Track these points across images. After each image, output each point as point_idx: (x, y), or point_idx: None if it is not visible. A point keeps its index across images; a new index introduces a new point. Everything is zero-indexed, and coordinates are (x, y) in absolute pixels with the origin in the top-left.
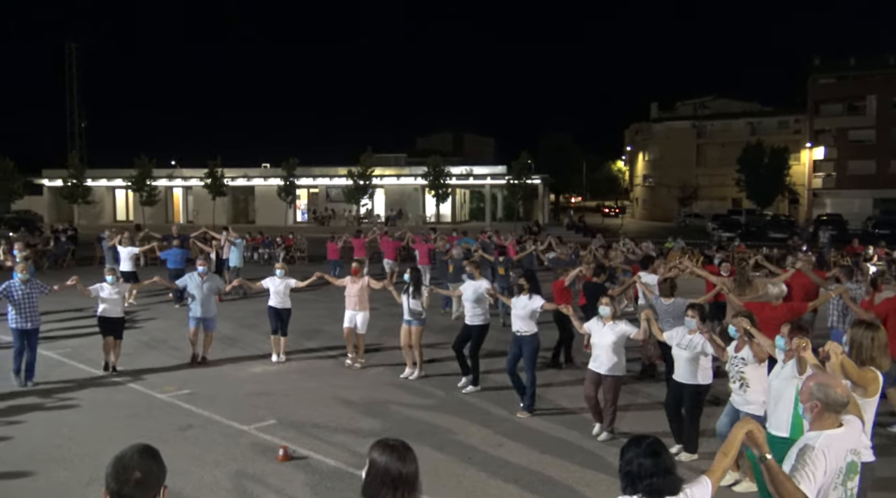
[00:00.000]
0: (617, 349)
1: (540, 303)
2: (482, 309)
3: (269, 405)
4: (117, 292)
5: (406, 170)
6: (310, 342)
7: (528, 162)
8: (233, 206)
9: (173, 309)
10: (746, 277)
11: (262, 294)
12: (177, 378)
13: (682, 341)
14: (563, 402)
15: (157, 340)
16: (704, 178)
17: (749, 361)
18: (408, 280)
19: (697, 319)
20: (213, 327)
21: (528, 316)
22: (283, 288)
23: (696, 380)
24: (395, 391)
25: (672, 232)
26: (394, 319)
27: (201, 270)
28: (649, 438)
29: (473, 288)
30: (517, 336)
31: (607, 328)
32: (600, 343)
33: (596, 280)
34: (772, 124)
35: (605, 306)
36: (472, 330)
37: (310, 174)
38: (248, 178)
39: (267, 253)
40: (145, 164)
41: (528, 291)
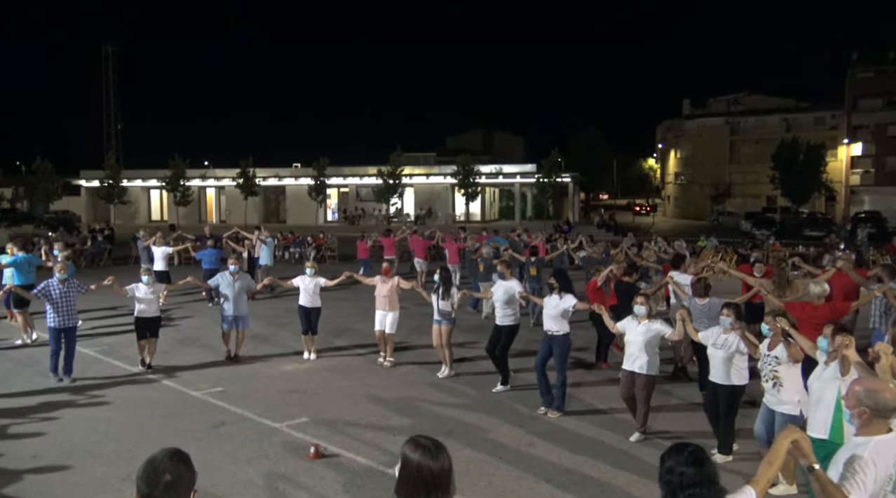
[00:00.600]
0: (651, 348)
1: (571, 302)
2: (513, 309)
3: (300, 403)
4: (152, 292)
5: (435, 169)
6: (340, 340)
7: (559, 160)
8: (264, 206)
9: (206, 308)
10: (786, 277)
11: (292, 292)
12: (210, 376)
13: (718, 341)
14: (595, 401)
15: (190, 338)
16: (738, 175)
17: (783, 360)
18: (437, 280)
19: (733, 317)
20: (247, 325)
21: (559, 315)
22: (313, 287)
23: (732, 380)
24: (426, 389)
25: (705, 231)
26: (424, 319)
27: (233, 270)
28: (691, 446)
29: (504, 288)
30: (548, 335)
31: (642, 327)
32: (634, 342)
33: (627, 279)
34: (807, 120)
35: (640, 305)
36: (503, 330)
37: (340, 174)
38: (279, 177)
39: (298, 252)
40: (179, 165)
41: (559, 291)
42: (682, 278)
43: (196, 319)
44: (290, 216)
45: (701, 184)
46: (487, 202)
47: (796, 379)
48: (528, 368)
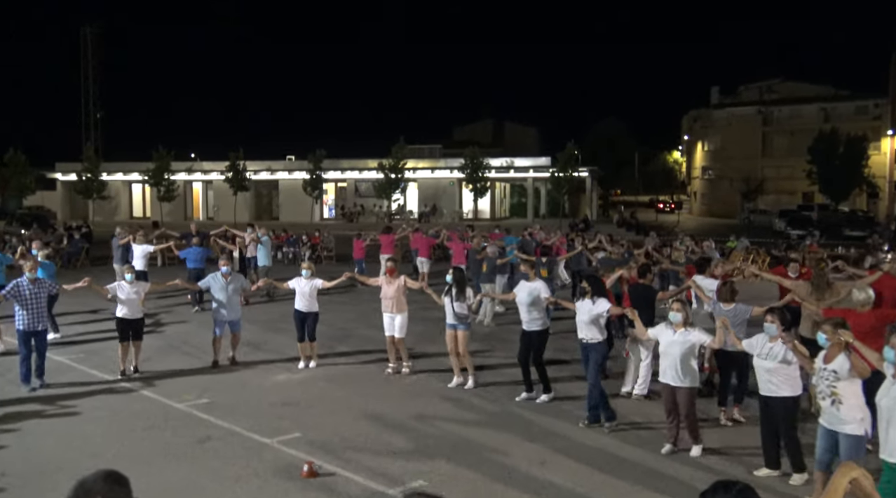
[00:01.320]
0: (689, 359)
1: (605, 307)
2: (539, 313)
3: (293, 416)
4: (136, 292)
5: (441, 162)
6: (339, 347)
7: (575, 153)
8: (255, 202)
9: (191, 312)
10: (825, 279)
11: (288, 296)
12: (195, 386)
13: (764, 350)
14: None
15: (174, 344)
16: (771, 169)
17: (842, 375)
18: (450, 281)
19: (778, 324)
20: (239, 329)
21: (592, 321)
22: (310, 289)
23: (783, 391)
24: (432, 402)
25: (735, 230)
26: (430, 324)
27: (225, 270)
28: (739, 484)
29: (528, 290)
30: (584, 344)
31: (678, 336)
32: (670, 352)
33: (643, 281)
34: (848, 110)
35: (676, 312)
36: (532, 337)
37: (338, 167)
38: (271, 171)
39: (291, 252)
40: (163, 157)
41: (592, 295)
42: (707, 283)
43: (181, 323)
44: (283, 213)
45: (730, 179)
46: (497, 198)
47: (857, 395)
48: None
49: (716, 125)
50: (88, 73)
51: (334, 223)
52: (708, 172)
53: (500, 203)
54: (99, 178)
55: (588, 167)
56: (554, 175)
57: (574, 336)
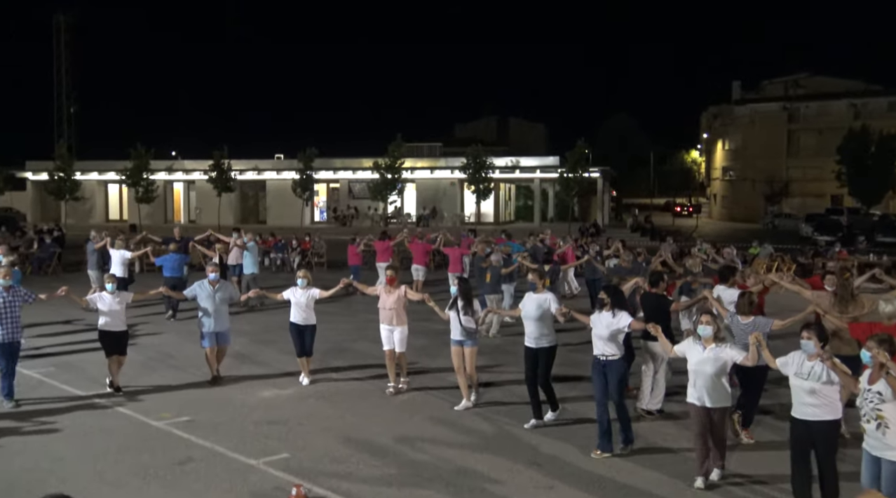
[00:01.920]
0: (721, 377)
1: (626, 321)
2: (548, 328)
3: (281, 436)
4: (118, 302)
5: (442, 161)
6: (332, 362)
7: (585, 152)
8: (241, 204)
9: (169, 322)
10: (850, 290)
11: (276, 306)
12: (175, 402)
13: (803, 370)
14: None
15: (152, 357)
16: (797, 170)
17: (888, 396)
18: (455, 292)
19: (815, 340)
20: (228, 342)
21: (611, 337)
22: (307, 300)
23: (826, 415)
24: (432, 422)
25: (757, 235)
26: (431, 337)
27: (212, 278)
28: None
29: (537, 303)
30: (599, 361)
31: (709, 352)
32: (701, 371)
33: (656, 291)
34: (880, 106)
35: (706, 325)
36: (539, 354)
37: (330, 166)
38: (258, 171)
39: (280, 258)
40: (142, 156)
41: (612, 307)
42: (728, 293)
43: (160, 335)
44: (271, 216)
45: (753, 180)
46: (502, 200)
47: None
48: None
49: (737, 122)
50: (61, 65)
51: (326, 227)
52: (729, 173)
53: (504, 206)
54: (72, 177)
55: (599, 167)
56: (563, 176)
57: (584, 349)
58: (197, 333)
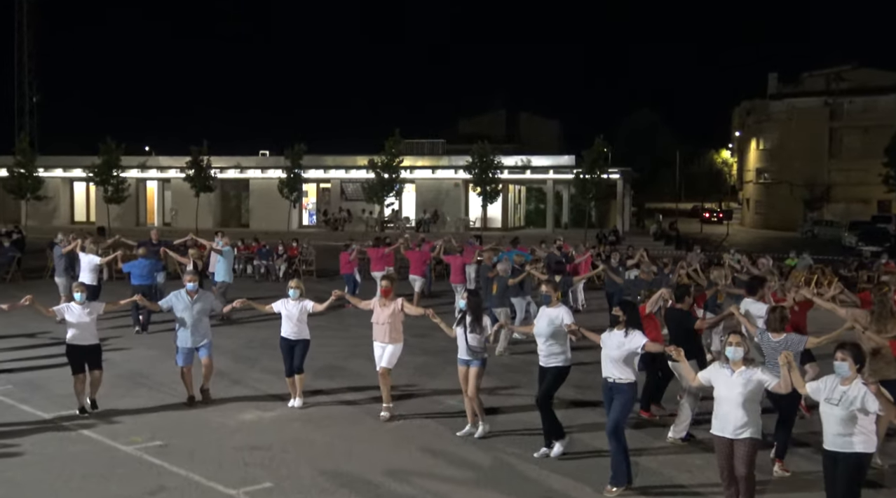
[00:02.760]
0: (751, 404)
1: (640, 342)
2: (560, 346)
3: (263, 463)
4: (88, 313)
5: (444, 160)
6: (322, 382)
7: (604, 151)
8: (221, 205)
9: (143, 336)
10: (889, 307)
11: (261, 318)
12: (146, 425)
13: (834, 395)
14: (649, 470)
15: (123, 375)
16: (840, 173)
17: None
18: (463, 307)
19: (850, 362)
20: (209, 352)
21: (622, 358)
22: (299, 312)
23: (856, 446)
24: (427, 452)
25: (795, 245)
26: (431, 356)
27: (191, 287)
28: None
29: (549, 318)
30: (607, 384)
31: (737, 377)
32: (728, 397)
33: (680, 306)
34: None
35: (735, 346)
36: (547, 374)
37: (320, 165)
38: (241, 169)
39: (264, 265)
40: (112, 151)
41: (626, 325)
42: (756, 307)
43: (129, 351)
44: (254, 218)
45: (791, 184)
46: (511, 204)
47: None
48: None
49: (773, 119)
50: (23, 49)
51: (315, 231)
52: (763, 176)
53: (513, 210)
54: (34, 174)
55: (619, 168)
56: (578, 177)
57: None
58: (171, 348)
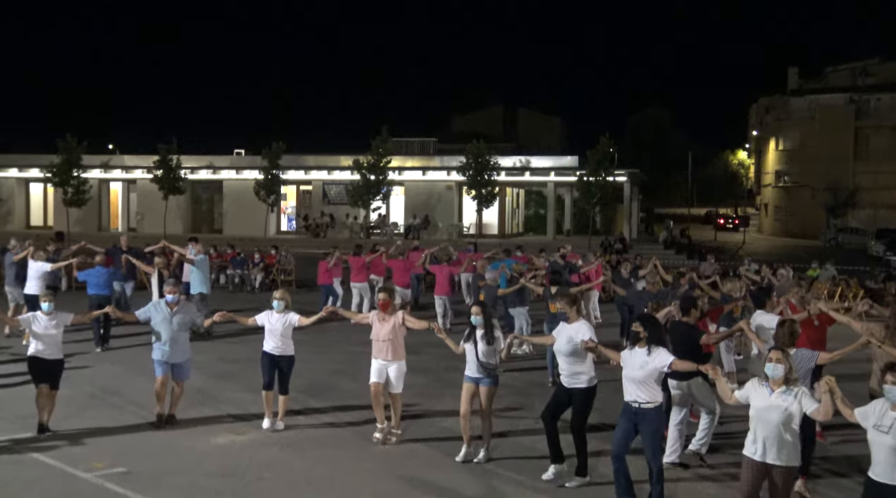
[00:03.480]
0: (790, 427)
1: (667, 360)
2: (584, 365)
3: (236, 491)
4: (55, 325)
5: (436, 160)
6: (301, 402)
7: (610, 151)
8: (192, 209)
9: (105, 352)
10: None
11: (238, 331)
12: (109, 449)
13: (884, 422)
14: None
15: (84, 393)
16: (866, 176)
17: None
18: (475, 321)
19: None
20: (186, 376)
21: (646, 379)
22: (283, 326)
23: None
24: (418, 480)
25: (817, 254)
26: (428, 376)
27: (171, 299)
28: None
29: (568, 335)
30: (630, 408)
31: (776, 397)
32: (765, 419)
33: (686, 319)
34: None
35: (776, 364)
36: (573, 396)
37: (300, 165)
38: (214, 169)
39: (238, 275)
40: (72, 149)
41: (648, 342)
42: (766, 319)
43: (92, 367)
44: (228, 223)
45: (813, 187)
46: (508, 209)
47: None
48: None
49: (794, 117)
50: None
51: (295, 238)
52: (783, 179)
53: (511, 215)
54: None
55: (627, 170)
56: (582, 179)
57: (610, 390)
58: (139, 364)
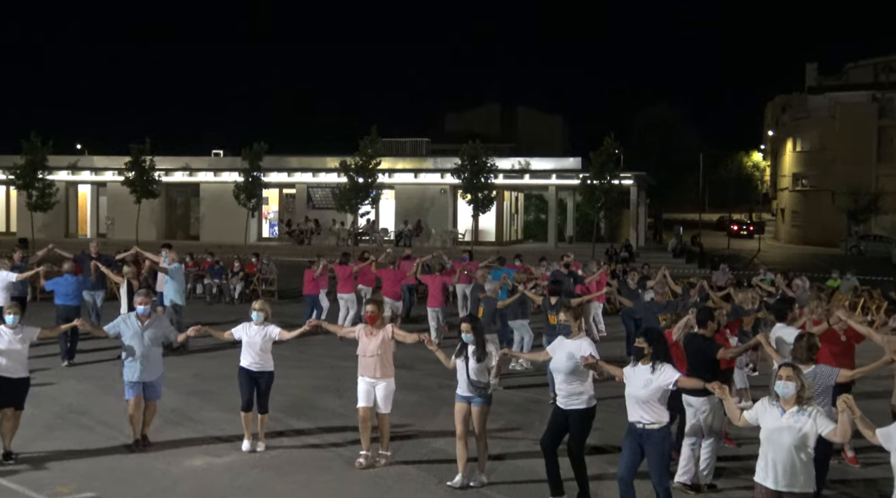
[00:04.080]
0: (804, 452)
1: (672, 377)
2: (582, 384)
3: None
4: (20, 340)
5: (429, 162)
6: (283, 422)
7: (616, 152)
8: (167, 213)
9: (76, 367)
10: None
11: (210, 346)
12: (76, 473)
13: None
14: None
15: (51, 412)
16: (890, 179)
17: None
18: (466, 338)
19: None
20: (157, 396)
21: (650, 398)
22: (262, 340)
23: None
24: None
25: (838, 263)
26: (422, 394)
27: (141, 311)
28: None
29: (568, 352)
30: (635, 429)
31: (788, 418)
32: (776, 441)
33: (702, 331)
34: None
35: (786, 382)
36: (570, 418)
37: (283, 167)
38: (190, 171)
39: (217, 285)
40: (37, 149)
41: (653, 358)
42: (788, 333)
43: (59, 384)
44: (205, 229)
45: (833, 192)
46: (507, 214)
47: None
48: None
49: (813, 117)
50: None
51: (278, 245)
52: (801, 182)
53: (509, 221)
54: None
55: (633, 172)
56: (586, 182)
57: (612, 410)
58: (107, 380)
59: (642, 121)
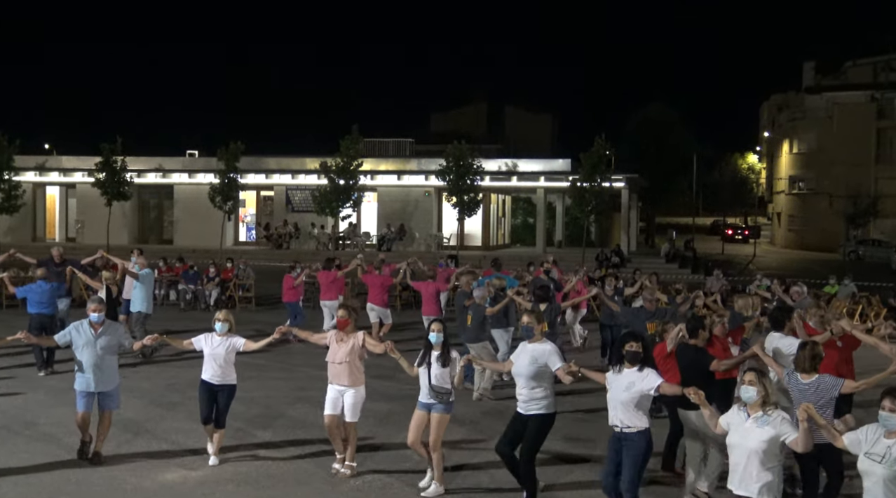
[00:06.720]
0: (769, 458)
1: (654, 382)
2: (544, 390)
3: None
4: None
5: (413, 163)
6: (260, 434)
7: (607, 153)
8: (139, 216)
9: (37, 377)
10: None
11: (184, 355)
12: (41, 489)
13: (875, 449)
14: None
15: (12, 424)
16: (889, 182)
17: None
18: (431, 340)
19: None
20: (114, 406)
21: (633, 401)
22: (225, 351)
23: None
24: None
25: (836, 268)
26: (398, 403)
27: (94, 319)
28: None
29: (531, 355)
30: (617, 434)
31: (751, 423)
32: (744, 446)
33: (694, 342)
34: None
35: (748, 386)
36: (528, 423)
37: (261, 168)
38: (163, 172)
39: (191, 291)
40: (3, 148)
41: (643, 363)
42: (786, 343)
43: (22, 395)
44: (179, 233)
45: (831, 195)
46: (493, 217)
47: None
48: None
49: (810, 117)
50: None
51: (255, 249)
52: (798, 185)
53: (496, 224)
54: None
55: (625, 175)
56: (575, 185)
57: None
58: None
59: (634, 121)
